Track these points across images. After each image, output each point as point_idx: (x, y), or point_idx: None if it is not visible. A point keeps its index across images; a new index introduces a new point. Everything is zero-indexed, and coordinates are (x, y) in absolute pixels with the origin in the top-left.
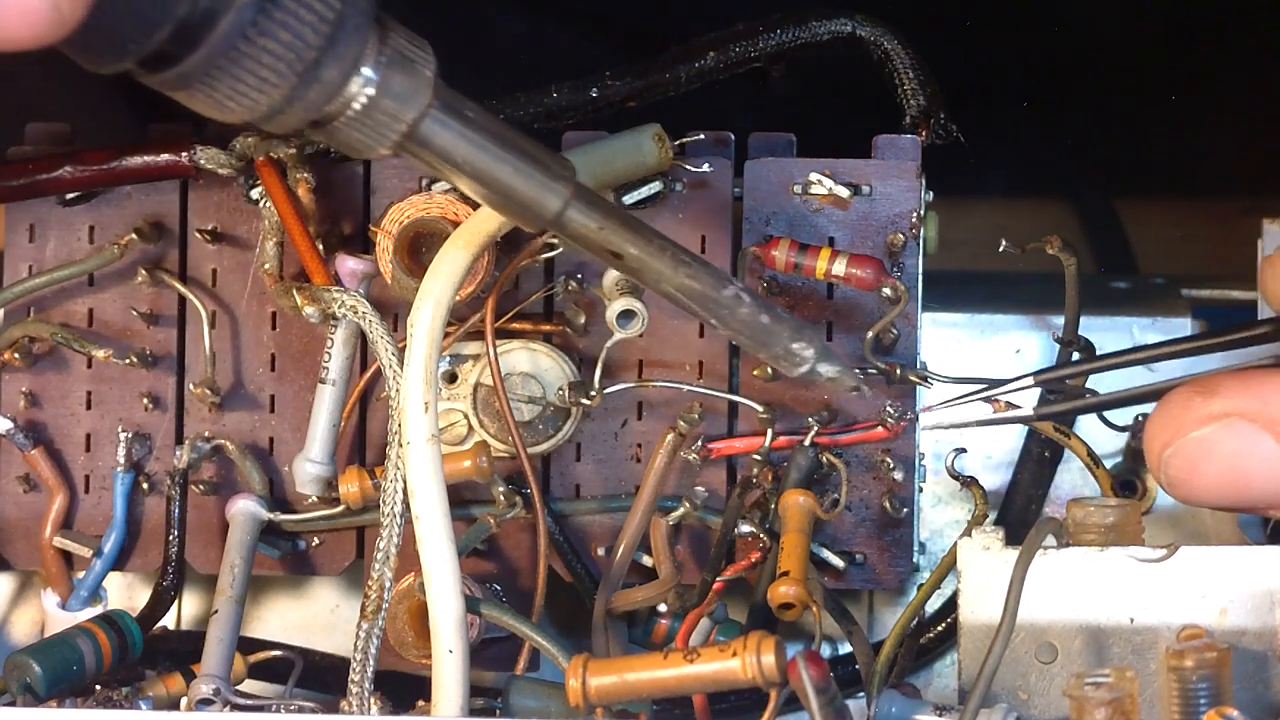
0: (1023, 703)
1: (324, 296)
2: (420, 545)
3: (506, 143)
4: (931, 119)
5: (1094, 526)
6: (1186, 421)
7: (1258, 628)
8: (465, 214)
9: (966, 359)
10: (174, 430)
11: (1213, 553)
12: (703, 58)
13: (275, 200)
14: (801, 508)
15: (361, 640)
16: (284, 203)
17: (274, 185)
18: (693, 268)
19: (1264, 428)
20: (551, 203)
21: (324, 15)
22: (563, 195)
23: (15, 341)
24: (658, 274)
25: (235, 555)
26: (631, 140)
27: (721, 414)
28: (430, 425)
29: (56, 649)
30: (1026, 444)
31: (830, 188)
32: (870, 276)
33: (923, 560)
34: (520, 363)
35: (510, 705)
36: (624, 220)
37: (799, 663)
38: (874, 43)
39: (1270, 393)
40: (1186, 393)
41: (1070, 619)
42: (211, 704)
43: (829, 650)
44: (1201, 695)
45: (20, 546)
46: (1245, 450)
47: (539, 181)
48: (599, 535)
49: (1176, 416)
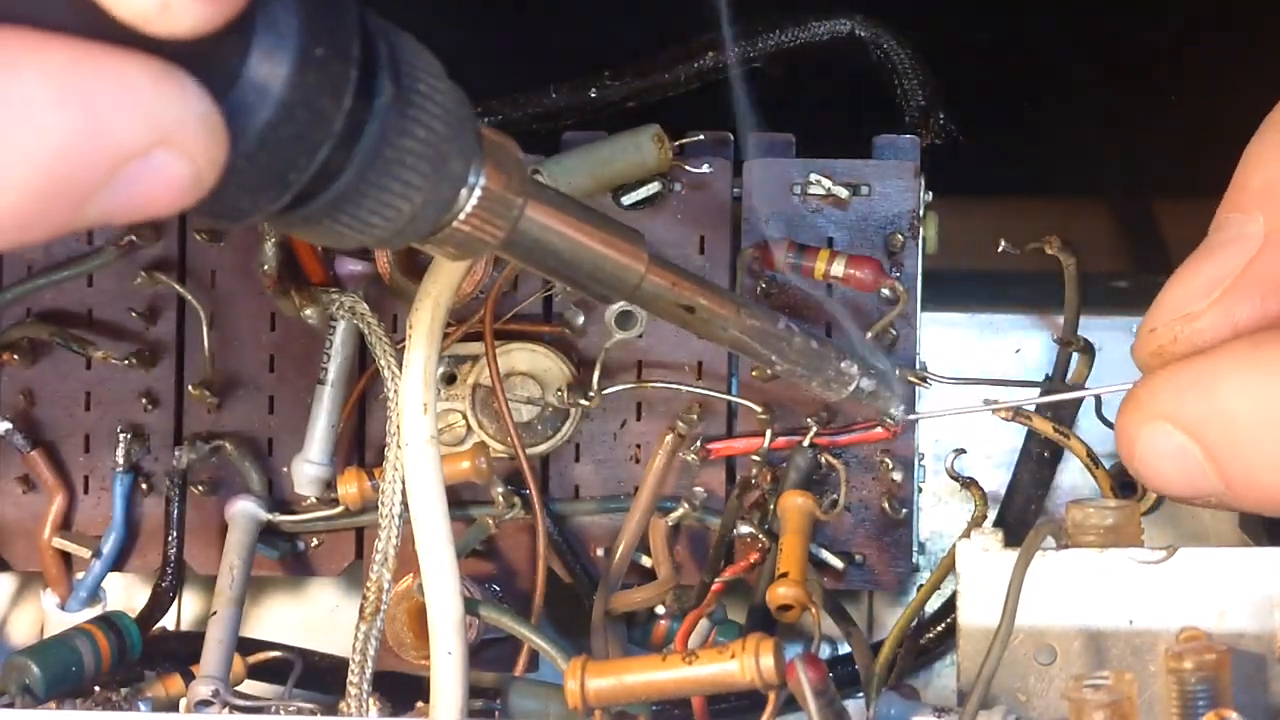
0: (1021, 704)
1: (323, 297)
2: (419, 546)
3: (593, 224)
4: (931, 119)
5: (1093, 528)
6: (1129, 433)
7: (1257, 630)
8: None
9: (966, 359)
10: (173, 431)
11: (1212, 554)
12: (702, 58)
13: None
14: (800, 508)
15: (360, 641)
16: None
17: None
18: (752, 308)
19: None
20: (634, 274)
21: (446, 105)
22: (643, 263)
23: (14, 342)
24: (724, 321)
25: (234, 556)
26: (631, 141)
27: (720, 414)
28: (429, 426)
29: (55, 650)
30: (1026, 444)
31: (829, 188)
32: (869, 277)
33: (922, 561)
34: (519, 363)
35: (509, 706)
36: (689, 275)
37: (797, 665)
38: (873, 43)
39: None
40: (1123, 407)
41: (1069, 621)
42: (211, 705)
43: (828, 650)
44: (1201, 697)
45: (19, 547)
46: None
47: (625, 256)
48: (598, 536)
49: (1121, 429)
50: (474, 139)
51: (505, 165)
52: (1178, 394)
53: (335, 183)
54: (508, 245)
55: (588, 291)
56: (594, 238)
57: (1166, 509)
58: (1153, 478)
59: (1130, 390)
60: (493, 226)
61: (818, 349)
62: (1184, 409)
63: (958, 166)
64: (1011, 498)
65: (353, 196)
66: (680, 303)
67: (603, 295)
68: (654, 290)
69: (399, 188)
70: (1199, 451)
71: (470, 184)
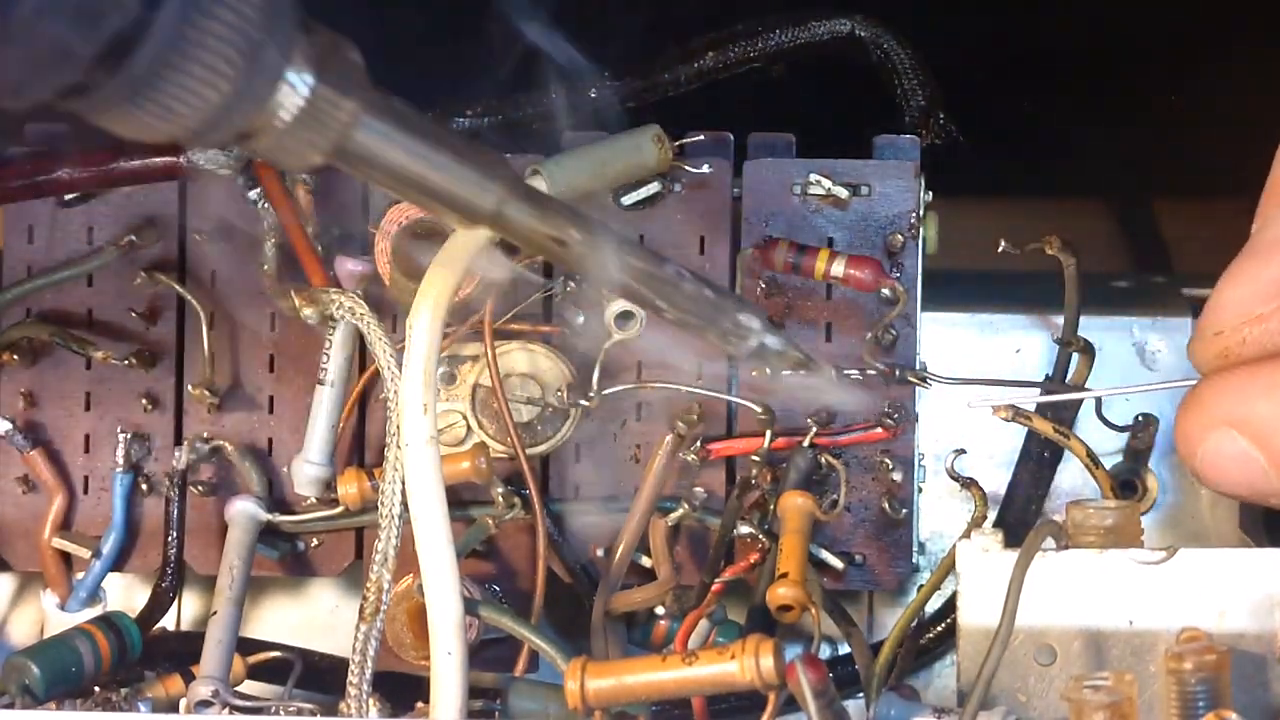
0: (1022, 705)
1: (322, 298)
2: (419, 546)
3: (441, 141)
4: (931, 119)
5: (1093, 528)
6: (1192, 436)
7: (1257, 630)
8: None
9: (966, 359)
10: (173, 431)
11: (1212, 555)
12: (702, 58)
13: (274, 201)
14: (800, 509)
15: (360, 642)
16: (282, 204)
17: (273, 186)
18: (635, 248)
19: (1239, 431)
20: (489, 198)
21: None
22: (499, 189)
23: (14, 342)
24: (602, 259)
25: (234, 556)
26: (631, 141)
27: (720, 415)
28: (429, 426)
29: (55, 650)
30: (1026, 444)
31: (829, 188)
32: (869, 277)
33: (922, 561)
34: (519, 364)
35: (509, 707)
36: (562, 207)
37: (797, 666)
38: (873, 43)
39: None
40: (1185, 407)
41: (1069, 621)
42: (210, 705)
43: (828, 651)
44: (1200, 698)
45: (19, 547)
46: (1230, 452)
47: (475, 178)
48: (598, 536)
49: (1184, 431)
50: (295, 29)
51: (335, 66)
52: (1246, 400)
53: (131, 60)
54: (339, 156)
55: (445, 216)
56: (442, 157)
57: (1167, 509)
58: (1215, 479)
59: (1193, 391)
60: (316, 133)
61: (713, 298)
62: (1253, 416)
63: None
64: (1011, 498)
65: (152, 79)
66: (551, 234)
67: (461, 219)
68: (519, 220)
69: (202, 72)
70: (1265, 459)
71: (291, 81)
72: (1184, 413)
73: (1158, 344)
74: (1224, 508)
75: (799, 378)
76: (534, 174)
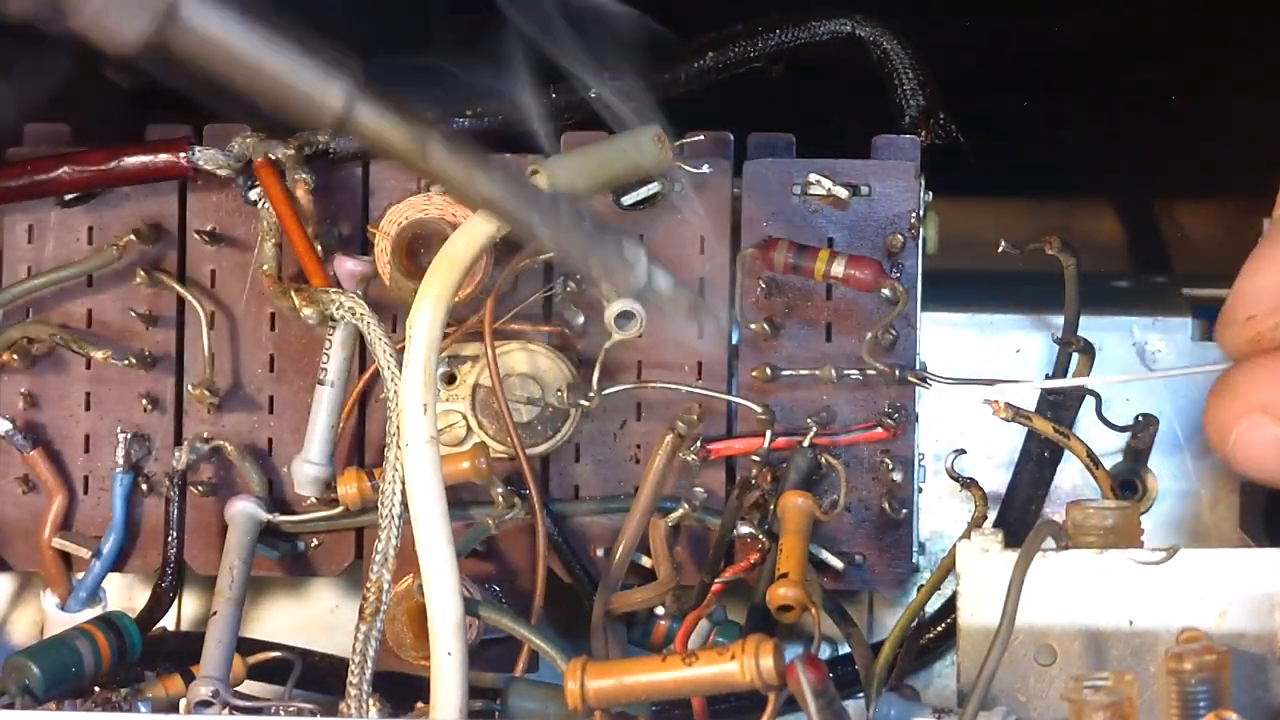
0: (1022, 705)
1: (322, 298)
2: (419, 547)
3: (283, 32)
4: (931, 119)
5: (1093, 529)
6: (1224, 421)
7: (1257, 630)
8: (463, 215)
9: (966, 359)
10: (173, 431)
11: (1212, 555)
12: (702, 58)
13: (273, 201)
14: (800, 509)
15: (360, 642)
16: (282, 204)
17: (272, 186)
18: (502, 166)
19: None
20: (334, 95)
21: None
22: (345, 87)
23: (14, 342)
24: (468, 172)
25: (234, 556)
26: (631, 141)
27: (720, 415)
28: (429, 427)
29: (55, 650)
30: (1026, 444)
31: (829, 188)
32: (869, 278)
33: (922, 561)
34: (519, 364)
35: (509, 707)
36: (420, 118)
37: (797, 666)
38: (873, 43)
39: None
40: (1217, 392)
41: (1069, 621)
42: (210, 705)
43: (829, 651)
44: (1201, 698)
45: (19, 547)
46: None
47: (320, 71)
48: (598, 536)
49: (1215, 417)
50: None
51: None
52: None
53: None
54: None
55: (290, 114)
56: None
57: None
58: (1249, 466)
59: (1224, 377)
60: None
61: (589, 227)
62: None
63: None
64: (1011, 498)
65: None
66: (409, 140)
67: (309, 119)
68: (371, 122)
69: None
70: None
71: None
72: (1215, 399)
73: (1158, 344)
74: (1224, 508)
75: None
76: (534, 174)
